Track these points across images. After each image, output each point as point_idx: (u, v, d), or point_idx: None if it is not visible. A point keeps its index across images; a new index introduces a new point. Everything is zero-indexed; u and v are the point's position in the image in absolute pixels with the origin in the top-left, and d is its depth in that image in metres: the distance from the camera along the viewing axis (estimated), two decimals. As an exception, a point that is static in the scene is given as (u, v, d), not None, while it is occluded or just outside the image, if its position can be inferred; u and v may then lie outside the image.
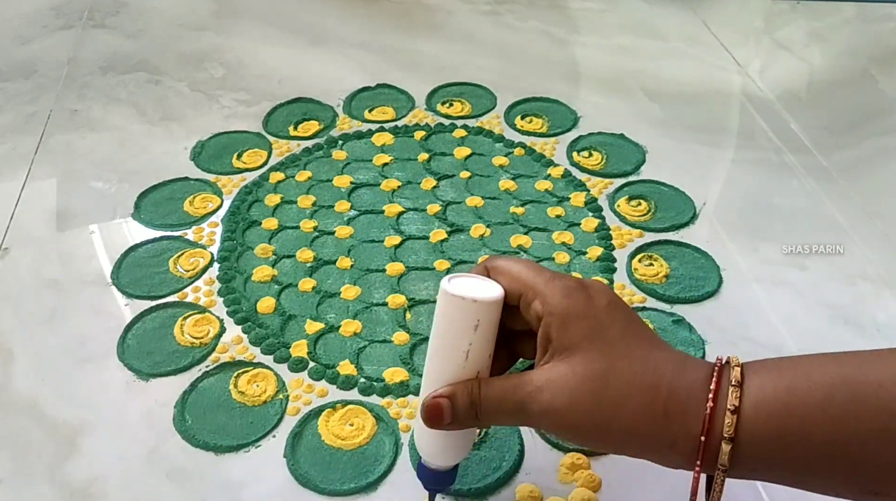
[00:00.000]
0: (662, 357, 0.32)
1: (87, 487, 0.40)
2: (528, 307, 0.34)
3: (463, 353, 0.34)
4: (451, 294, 0.34)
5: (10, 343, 0.48)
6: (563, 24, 0.87)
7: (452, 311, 0.34)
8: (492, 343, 0.35)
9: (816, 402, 0.29)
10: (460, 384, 0.34)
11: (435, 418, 0.34)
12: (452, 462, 0.37)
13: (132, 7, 0.86)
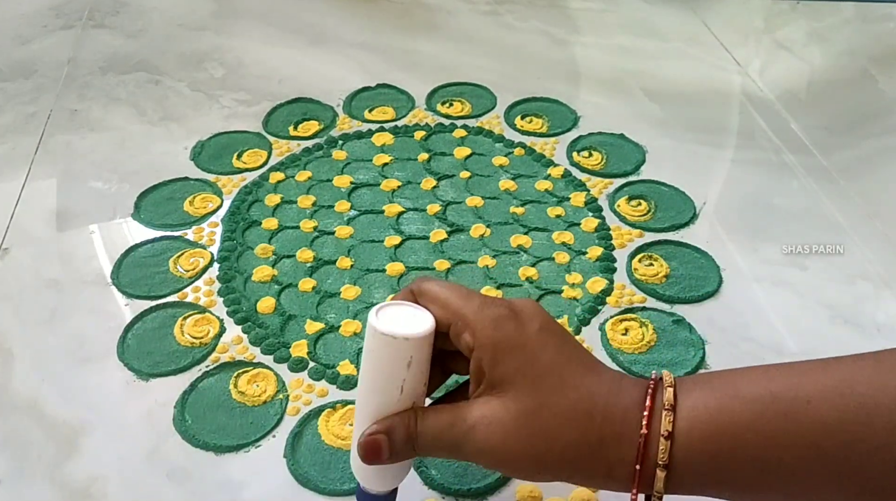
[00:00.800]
0: (596, 382, 0.32)
1: (87, 487, 0.40)
2: (458, 338, 0.33)
3: (397, 389, 0.34)
4: (381, 333, 0.33)
5: (10, 343, 0.48)
6: (563, 24, 0.87)
7: (383, 349, 0.33)
8: (426, 373, 0.34)
9: (747, 421, 0.29)
10: (397, 417, 0.34)
11: (373, 454, 0.34)
12: (391, 487, 0.37)
13: (132, 7, 0.86)
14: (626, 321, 0.50)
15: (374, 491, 0.36)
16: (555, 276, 0.54)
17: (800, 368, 0.30)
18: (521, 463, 0.32)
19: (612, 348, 0.49)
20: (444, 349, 0.35)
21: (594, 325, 0.50)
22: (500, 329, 0.32)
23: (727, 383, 0.31)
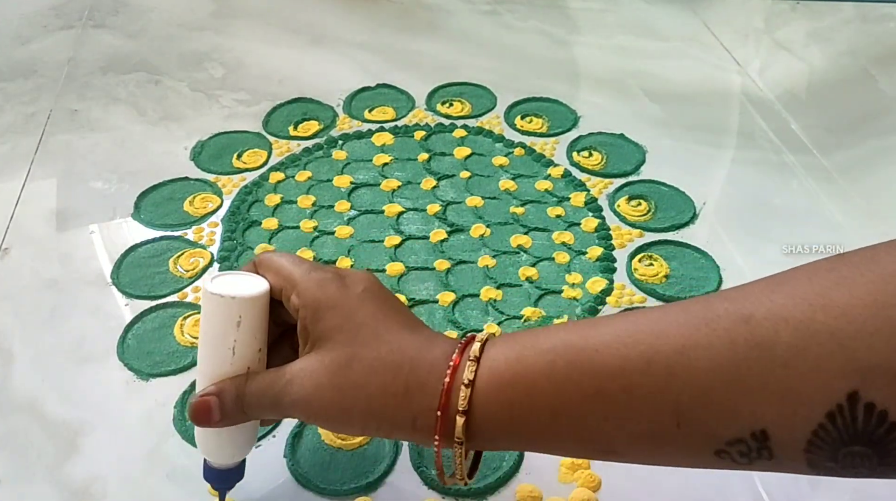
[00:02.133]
0: (410, 338, 0.33)
1: (87, 487, 0.40)
2: (287, 301, 0.35)
3: (229, 350, 0.35)
4: (210, 293, 0.34)
5: (10, 343, 0.48)
6: (563, 24, 0.87)
7: (214, 309, 0.35)
8: (259, 339, 0.35)
9: (540, 369, 0.30)
10: (228, 380, 0.35)
11: (202, 416, 0.35)
12: (236, 460, 0.37)
13: (132, 7, 0.86)
14: (626, 321, 0.50)
15: (217, 465, 0.37)
16: (555, 276, 0.54)
17: (596, 320, 0.32)
18: (331, 415, 0.33)
19: (612, 348, 0.49)
20: (292, 325, 0.36)
21: (594, 325, 0.50)
22: (323, 289, 0.34)
23: (529, 336, 0.32)
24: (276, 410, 0.34)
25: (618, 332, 0.30)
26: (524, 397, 0.30)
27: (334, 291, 0.34)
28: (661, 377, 0.28)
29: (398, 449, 0.42)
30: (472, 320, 0.50)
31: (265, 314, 0.36)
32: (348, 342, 0.33)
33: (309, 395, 0.33)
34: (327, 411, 0.33)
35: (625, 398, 0.29)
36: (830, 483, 0.41)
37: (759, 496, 0.41)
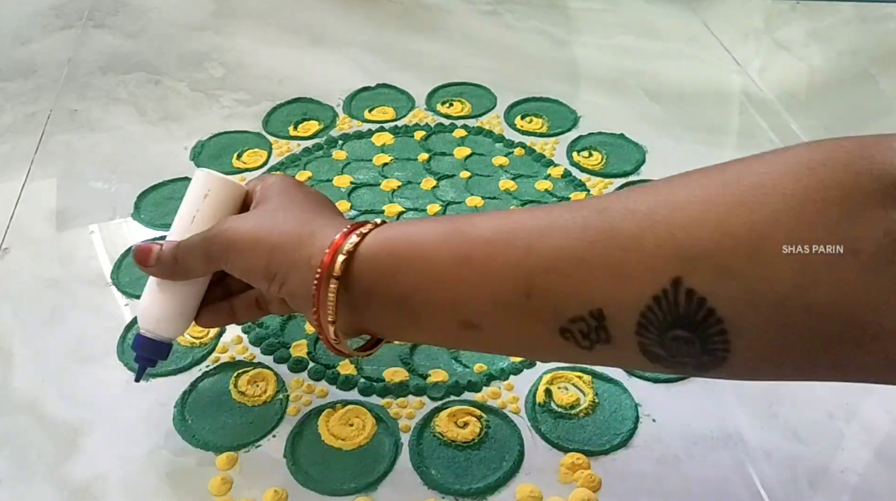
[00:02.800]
0: (331, 211, 0.39)
1: (87, 487, 0.40)
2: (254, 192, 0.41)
3: (190, 217, 0.40)
4: (196, 171, 0.41)
5: (10, 343, 0.48)
6: (563, 24, 0.87)
7: (193, 183, 0.41)
8: (220, 219, 0.39)
9: (425, 230, 0.34)
10: (175, 240, 0.40)
11: (142, 255, 0.40)
12: (165, 334, 0.41)
13: (132, 7, 0.86)
14: (626, 321, 0.50)
15: (151, 335, 0.41)
16: (555, 276, 0.54)
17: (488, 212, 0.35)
18: (245, 243, 0.37)
19: (612, 348, 0.49)
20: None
21: (594, 325, 0.50)
22: (279, 177, 0.41)
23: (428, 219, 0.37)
24: (204, 245, 0.38)
25: (497, 214, 0.34)
26: (405, 250, 0.34)
27: (286, 180, 0.41)
28: (521, 250, 0.31)
29: (398, 449, 0.43)
30: (472, 320, 0.50)
31: (233, 203, 0.41)
32: (277, 202, 0.38)
33: (232, 227, 0.37)
34: (242, 241, 0.37)
35: (488, 264, 0.32)
36: (830, 483, 0.41)
37: (758, 496, 0.41)
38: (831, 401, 0.46)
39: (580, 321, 0.30)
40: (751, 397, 0.46)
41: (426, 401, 0.45)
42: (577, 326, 0.31)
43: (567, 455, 0.42)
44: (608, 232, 0.30)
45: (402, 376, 0.46)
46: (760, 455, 0.43)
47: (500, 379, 0.47)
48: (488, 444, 0.43)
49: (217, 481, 0.40)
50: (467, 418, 0.44)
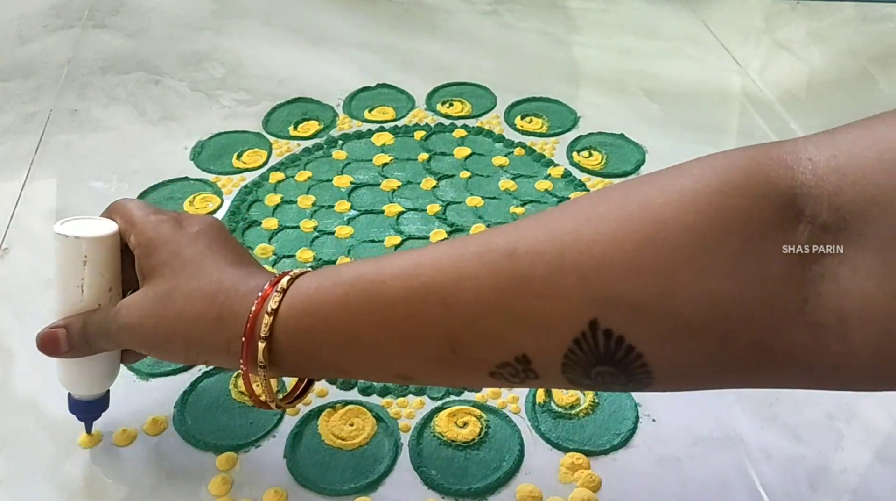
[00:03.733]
0: (231, 271, 0.35)
1: (87, 487, 0.40)
2: (129, 242, 0.38)
3: (77, 288, 0.38)
4: (57, 233, 0.37)
5: (10, 343, 0.48)
6: (563, 23, 0.87)
7: (61, 249, 0.37)
8: (108, 278, 0.38)
9: (336, 299, 0.33)
10: (76, 315, 0.38)
11: (51, 346, 0.38)
12: (97, 392, 0.40)
13: (132, 7, 0.86)
14: (626, 321, 0.50)
15: (80, 397, 0.40)
16: (555, 276, 0.54)
17: (392, 254, 0.34)
18: (156, 340, 0.35)
19: (612, 348, 0.49)
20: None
21: (594, 325, 0.50)
22: (157, 230, 0.37)
23: (333, 270, 0.34)
24: (108, 338, 0.37)
25: (405, 265, 0.32)
26: (321, 324, 0.33)
27: (167, 230, 0.37)
28: (438, 307, 0.31)
29: (398, 449, 0.43)
30: (472, 320, 0.50)
31: (114, 254, 0.38)
32: (172, 275, 0.35)
33: (134, 323, 0.35)
34: (152, 337, 0.36)
35: (407, 325, 0.32)
36: (830, 483, 0.41)
37: (758, 496, 0.41)
38: (831, 401, 0.46)
39: (508, 366, 0.31)
40: (751, 397, 0.46)
41: (426, 401, 0.45)
42: (506, 370, 0.31)
43: (567, 454, 0.42)
44: (520, 280, 0.30)
45: (402, 376, 0.46)
46: (760, 455, 0.43)
47: (500, 379, 0.47)
48: (488, 444, 0.43)
49: (217, 481, 0.40)
50: (467, 418, 0.44)
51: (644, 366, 0.29)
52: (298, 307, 0.33)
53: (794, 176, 0.28)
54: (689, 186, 0.28)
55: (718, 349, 0.28)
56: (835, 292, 0.27)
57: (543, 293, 0.29)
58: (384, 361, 0.33)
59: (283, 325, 0.33)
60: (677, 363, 0.29)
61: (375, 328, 0.32)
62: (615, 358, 0.29)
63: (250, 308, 0.34)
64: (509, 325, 0.30)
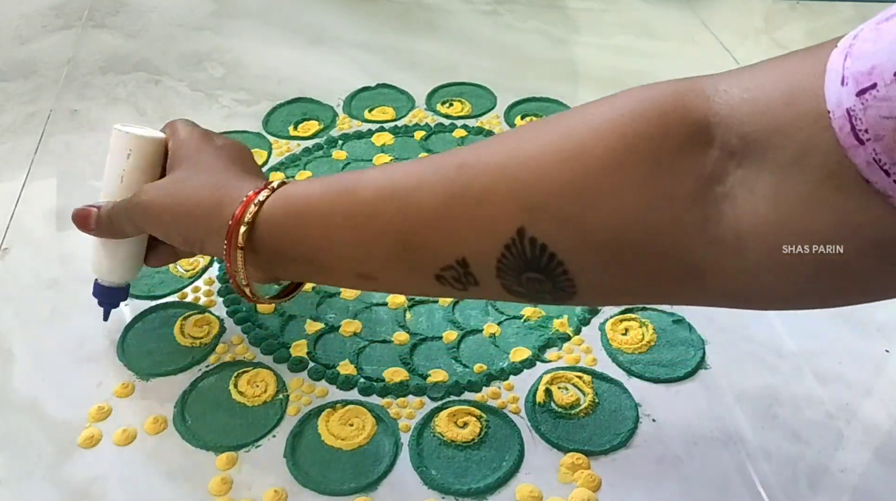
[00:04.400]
0: (236, 172, 0.41)
1: (87, 487, 0.40)
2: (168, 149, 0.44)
3: (118, 177, 0.43)
4: (113, 128, 0.43)
5: (10, 343, 0.48)
6: (563, 24, 0.87)
7: (113, 143, 0.43)
8: (148, 174, 0.43)
9: (315, 198, 0.37)
10: (111, 202, 0.43)
11: (81, 220, 0.44)
12: (120, 281, 0.46)
13: (132, 7, 0.86)
14: (625, 321, 0.50)
15: (107, 283, 0.45)
16: (555, 276, 0.54)
17: (375, 167, 0.38)
18: (163, 217, 0.40)
19: (613, 348, 0.49)
20: None
21: (594, 325, 0.50)
22: (190, 135, 0.43)
23: (320, 178, 0.39)
24: (128, 215, 0.42)
25: (378, 172, 0.36)
26: (298, 219, 0.37)
27: (197, 138, 0.43)
28: (397, 212, 0.35)
29: (398, 449, 0.43)
30: (472, 319, 0.50)
31: (155, 155, 0.44)
32: (189, 167, 0.41)
33: (148, 199, 0.40)
34: (161, 214, 0.40)
35: (370, 223, 0.35)
36: (830, 483, 0.41)
37: (758, 496, 0.41)
38: (831, 401, 0.46)
39: (451, 269, 0.34)
40: (751, 397, 0.46)
41: (426, 401, 0.45)
42: (449, 273, 0.35)
43: (567, 455, 0.42)
44: (465, 188, 0.33)
45: (402, 376, 0.46)
46: (760, 455, 0.43)
47: (500, 379, 0.47)
48: (488, 444, 0.43)
49: (217, 481, 0.40)
50: (467, 418, 0.44)
51: (566, 274, 0.32)
52: (282, 201, 0.38)
53: (709, 105, 0.30)
54: (615, 111, 0.31)
55: (629, 262, 0.31)
56: (733, 213, 0.29)
57: (482, 200, 0.32)
58: (348, 255, 0.37)
59: (266, 215, 0.37)
60: (595, 274, 0.32)
61: (343, 223, 0.36)
62: (541, 265, 0.32)
63: (243, 198, 0.38)
64: (453, 229, 0.33)
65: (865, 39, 0.26)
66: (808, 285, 0.29)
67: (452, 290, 0.35)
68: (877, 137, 0.25)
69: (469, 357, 0.48)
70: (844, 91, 0.26)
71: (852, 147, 0.26)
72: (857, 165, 0.26)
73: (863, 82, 0.25)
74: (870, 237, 0.27)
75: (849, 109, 0.26)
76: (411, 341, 0.49)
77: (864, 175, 0.26)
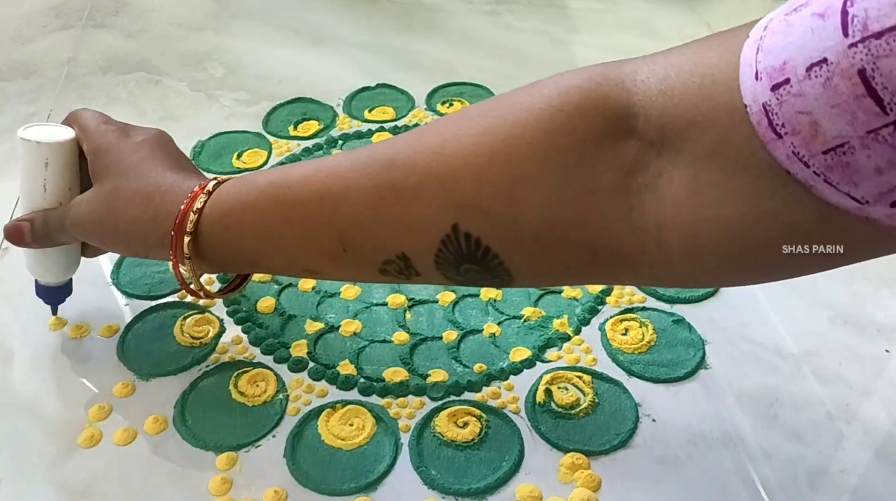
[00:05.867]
0: (169, 175, 0.40)
1: (87, 487, 0.40)
2: (83, 149, 0.43)
3: (41, 187, 0.43)
4: (21, 138, 0.42)
5: (10, 343, 0.48)
6: (563, 23, 0.87)
7: (25, 153, 0.43)
8: (68, 178, 0.43)
9: (250, 202, 0.37)
10: (40, 211, 0.43)
11: (16, 236, 0.44)
12: (62, 279, 0.46)
13: (132, 7, 0.86)
14: (625, 321, 0.50)
15: (45, 283, 0.46)
16: (555, 276, 0.54)
17: (300, 163, 0.38)
18: (102, 234, 0.41)
19: (613, 348, 0.49)
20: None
21: (594, 325, 0.50)
22: (105, 138, 0.42)
23: (252, 176, 0.39)
24: (65, 230, 0.42)
25: (308, 172, 0.36)
26: (237, 223, 0.38)
27: (114, 138, 0.42)
28: (330, 211, 0.35)
29: (398, 449, 0.43)
30: (472, 320, 0.50)
31: (72, 157, 0.43)
32: (115, 177, 0.40)
33: (83, 218, 0.41)
34: (99, 232, 0.41)
35: (306, 226, 0.36)
36: (830, 483, 0.41)
37: (758, 496, 0.41)
38: (831, 401, 0.46)
39: (392, 263, 0.35)
40: (751, 397, 0.46)
41: (426, 401, 0.45)
42: (391, 266, 0.36)
43: (567, 455, 0.42)
44: (396, 188, 0.34)
45: (401, 376, 0.46)
46: (760, 455, 0.43)
47: (500, 379, 0.47)
48: (488, 444, 0.43)
49: (217, 481, 0.40)
50: (467, 418, 0.44)
51: (501, 265, 0.33)
52: (219, 208, 0.38)
53: (629, 96, 0.30)
54: (536, 104, 0.32)
55: (559, 251, 0.32)
56: (655, 202, 0.30)
57: (414, 200, 0.33)
58: (290, 256, 0.38)
59: (207, 222, 0.38)
60: (529, 263, 0.33)
61: (281, 227, 0.37)
62: (477, 257, 0.33)
63: (180, 208, 0.38)
64: (387, 227, 0.34)
65: (775, 32, 0.27)
66: (723, 268, 0.31)
67: (396, 278, 0.37)
68: (794, 131, 0.26)
69: (469, 357, 0.48)
70: (759, 86, 0.26)
71: (771, 141, 0.26)
72: (777, 157, 0.27)
73: (776, 77, 0.26)
74: (784, 223, 0.28)
75: (765, 104, 0.26)
76: (411, 341, 0.49)
77: (785, 167, 0.27)
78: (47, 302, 0.47)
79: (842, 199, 0.26)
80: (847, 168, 0.25)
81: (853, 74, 0.24)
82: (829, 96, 0.24)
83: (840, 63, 0.24)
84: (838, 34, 0.24)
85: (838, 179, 0.26)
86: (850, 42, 0.24)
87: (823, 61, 0.24)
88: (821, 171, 0.26)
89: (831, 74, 0.24)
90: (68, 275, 0.46)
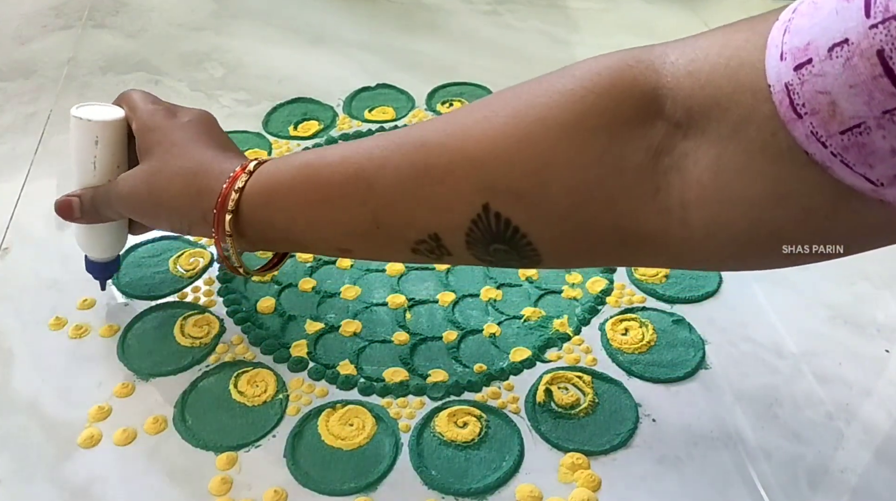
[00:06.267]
0: (211, 154, 0.41)
1: (87, 487, 0.40)
2: (132, 127, 0.44)
3: (91, 164, 0.44)
4: (73, 116, 0.44)
5: (10, 343, 0.48)
6: (563, 23, 0.87)
7: (76, 131, 0.44)
8: (117, 156, 0.45)
9: (289, 180, 0.38)
10: (90, 188, 0.45)
11: (65, 211, 0.45)
12: (109, 255, 0.48)
13: (132, 7, 0.86)
14: (625, 321, 0.50)
15: (95, 258, 0.48)
16: (555, 276, 0.54)
17: (337, 144, 0.39)
18: (145, 208, 0.42)
19: (613, 348, 0.49)
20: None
21: (594, 325, 0.50)
22: (153, 117, 0.43)
23: (290, 156, 0.40)
24: (111, 206, 0.44)
25: (343, 152, 0.37)
26: (276, 201, 0.39)
27: (161, 118, 0.43)
28: (364, 190, 0.36)
29: (398, 449, 0.43)
30: (472, 320, 0.50)
31: (121, 135, 0.45)
32: (161, 155, 0.41)
33: (128, 193, 0.42)
34: (143, 207, 0.42)
35: (341, 204, 0.37)
36: (830, 483, 0.41)
37: (758, 496, 0.41)
38: (831, 401, 0.46)
39: (424, 243, 0.36)
40: (751, 397, 0.46)
41: (426, 401, 0.45)
42: (423, 246, 0.36)
43: (567, 454, 0.42)
44: (427, 168, 0.34)
45: (402, 376, 0.46)
46: (760, 455, 0.43)
47: (500, 379, 0.47)
48: (488, 444, 0.43)
49: (217, 481, 0.40)
50: (467, 418, 0.44)
51: (530, 245, 0.34)
52: (259, 187, 0.39)
53: (658, 78, 0.31)
54: (568, 86, 0.32)
55: (586, 232, 0.33)
56: (680, 183, 0.30)
57: (445, 181, 0.34)
58: (325, 233, 0.39)
59: (247, 201, 0.39)
60: (556, 244, 0.34)
61: (316, 206, 0.38)
62: (506, 238, 0.34)
63: (222, 186, 0.39)
64: (419, 207, 0.35)
65: (803, 14, 0.27)
66: (742, 249, 0.31)
67: (428, 258, 0.37)
68: (813, 111, 0.26)
69: (469, 357, 0.48)
70: (783, 66, 0.27)
71: (791, 121, 0.27)
72: (797, 137, 0.27)
73: (799, 57, 0.26)
74: (803, 206, 0.28)
75: (787, 83, 0.27)
76: (411, 341, 0.49)
77: (804, 147, 0.27)
78: (96, 277, 0.49)
79: (857, 180, 0.26)
80: (863, 149, 0.25)
81: (872, 54, 0.24)
82: (848, 76, 0.25)
83: (860, 43, 0.24)
84: (861, 15, 0.24)
85: (854, 160, 0.26)
86: (871, 23, 0.24)
87: (845, 42, 0.25)
88: (838, 151, 0.26)
89: (851, 54, 0.24)
90: (116, 251, 0.48)
